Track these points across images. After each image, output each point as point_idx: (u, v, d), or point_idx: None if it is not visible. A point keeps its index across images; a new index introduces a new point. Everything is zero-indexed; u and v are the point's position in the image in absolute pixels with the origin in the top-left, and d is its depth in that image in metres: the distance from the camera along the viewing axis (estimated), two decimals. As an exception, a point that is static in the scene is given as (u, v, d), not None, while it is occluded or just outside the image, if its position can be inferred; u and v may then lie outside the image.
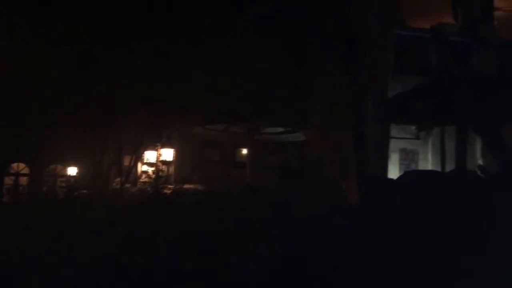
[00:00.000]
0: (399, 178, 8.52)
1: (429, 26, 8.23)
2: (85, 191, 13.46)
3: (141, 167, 16.31)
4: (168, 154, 15.40)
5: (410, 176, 7.98)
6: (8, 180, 17.86)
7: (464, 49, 8.76)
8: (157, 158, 15.47)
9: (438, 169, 11.45)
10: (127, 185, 14.42)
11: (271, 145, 17.33)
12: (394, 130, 12.17)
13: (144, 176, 15.86)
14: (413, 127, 11.96)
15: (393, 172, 11.77)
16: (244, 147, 17.17)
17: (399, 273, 5.04)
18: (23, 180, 18.17)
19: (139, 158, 14.88)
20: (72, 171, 16.68)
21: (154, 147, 15.46)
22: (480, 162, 10.99)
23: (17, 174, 18.27)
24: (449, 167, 11.05)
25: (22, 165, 18.21)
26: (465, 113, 7.31)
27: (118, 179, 13.91)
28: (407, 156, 12.53)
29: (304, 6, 11.75)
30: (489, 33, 11.34)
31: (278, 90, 12.91)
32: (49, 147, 15.28)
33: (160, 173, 15.48)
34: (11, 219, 8.00)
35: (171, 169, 17.44)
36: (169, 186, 13.24)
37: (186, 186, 13.28)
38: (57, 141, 14.70)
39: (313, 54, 12.21)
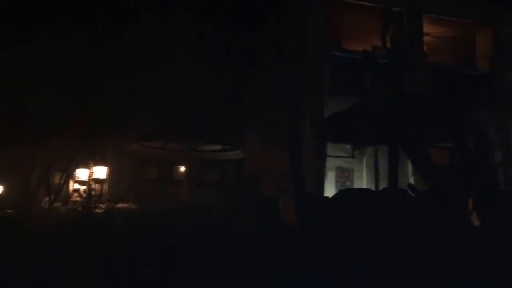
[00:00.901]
0: (333, 196, 8.60)
1: (363, 48, 8.47)
2: (10, 210, 12.77)
3: (73, 186, 15.71)
4: (101, 172, 14.90)
5: (344, 194, 8.06)
6: None
7: (395, 72, 9.08)
8: (90, 176, 14.95)
9: (372, 187, 11.72)
10: (57, 204, 13.81)
11: (210, 162, 17.18)
12: (330, 149, 12.39)
13: (75, 195, 15.27)
14: (349, 146, 12.23)
15: (330, 190, 11.96)
16: (183, 165, 16.90)
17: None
18: None
19: (70, 176, 14.29)
20: (-4, 189, 15.78)
21: (86, 164, 14.92)
22: (411, 180, 11.37)
23: None
24: (383, 185, 11.32)
25: None
26: (395, 133, 7.48)
27: (47, 198, 13.26)
28: (343, 174, 12.79)
29: (241, 25, 11.84)
30: (419, 57, 11.89)
31: (217, 108, 12.86)
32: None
33: (93, 192, 14.94)
34: None
35: (105, 187, 16.87)
36: (101, 206, 12.73)
37: (120, 205, 12.81)
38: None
39: (251, 74, 12.29)
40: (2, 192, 15.71)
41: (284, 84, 8.02)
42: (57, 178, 14.10)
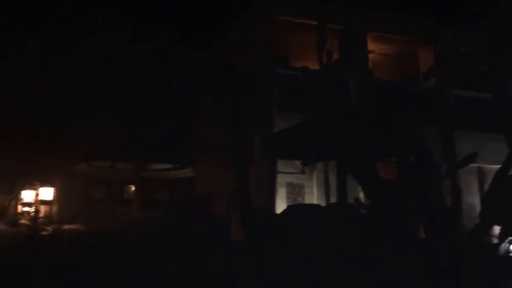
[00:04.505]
0: (282, 212, 8.65)
1: (306, 66, 8.63)
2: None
3: (21, 208, 15.21)
4: (48, 193, 14.48)
5: (292, 209, 8.13)
6: None
7: (341, 88, 9.29)
8: (36, 197, 14.50)
9: (323, 202, 11.84)
10: (4, 227, 13.30)
11: (160, 181, 16.97)
12: (281, 165, 12.46)
13: (23, 217, 14.76)
14: (299, 162, 12.32)
15: (281, 206, 11.97)
16: (132, 184, 16.62)
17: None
18: None
19: (14, 197, 13.81)
20: None
21: (32, 186, 14.46)
22: (360, 195, 11.55)
23: None
24: (334, 200, 11.47)
25: None
26: (342, 149, 7.62)
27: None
28: (293, 190, 12.85)
29: (188, 43, 11.86)
30: (364, 73, 12.20)
31: (165, 127, 12.77)
32: None
33: (39, 214, 14.48)
34: None
35: (54, 208, 16.36)
36: (48, 228, 12.32)
37: (67, 226, 12.44)
38: None
39: (199, 92, 12.27)
40: None
41: (232, 102, 8.06)
42: (1, 200, 13.61)
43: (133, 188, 16.75)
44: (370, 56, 13.41)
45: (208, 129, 12.90)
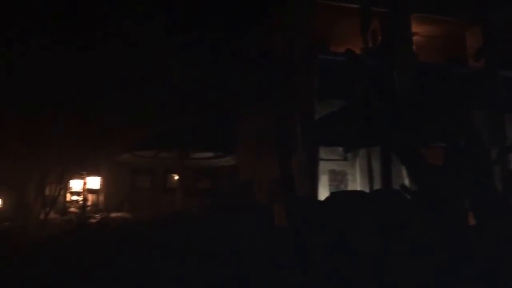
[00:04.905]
0: (326, 199, 8.57)
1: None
2: (7, 223, 12.77)
3: (70, 197, 15.73)
4: (94, 182, 14.89)
5: (336, 196, 8.03)
6: None
7: (383, 72, 9.07)
8: (83, 186, 14.94)
9: (366, 189, 11.67)
10: (54, 216, 13.79)
11: (203, 170, 17.17)
12: (323, 153, 12.35)
13: (72, 206, 15.27)
14: (341, 149, 12.18)
15: (324, 193, 11.89)
16: (175, 173, 16.89)
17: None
18: None
19: (63, 187, 14.27)
20: (-5, 203, 15.75)
21: (80, 175, 14.90)
22: (405, 181, 11.31)
23: None
24: (377, 187, 11.29)
25: None
26: (386, 135, 7.46)
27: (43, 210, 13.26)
28: (336, 177, 12.72)
29: (228, 32, 11.83)
30: (408, 57, 11.88)
31: (207, 116, 12.84)
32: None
33: (87, 202, 14.94)
34: None
35: (101, 197, 16.86)
36: (96, 216, 12.71)
37: (114, 214, 12.80)
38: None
39: (239, 80, 12.26)
40: (0, 205, 15.69)
41: (273, 89, 8.00)
42: (52, 190, 14.08)
43: (176, 177, 17.02)
44: (414, 38, 13.05)
45: (250, 117, 12.92)
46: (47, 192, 14.00)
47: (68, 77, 11.14)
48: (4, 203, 15.74)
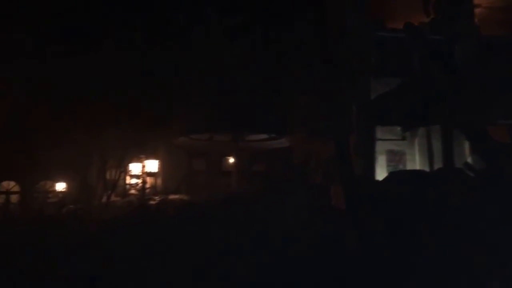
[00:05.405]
0: (384, 179, 8.39)
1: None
2: (72, 206, 13.31)
3: (130, 180, 16.20)
4: (153, 165, 15.27)
5: (395, 176, 7.85)
6: (-1, 199, 17.57)
7: (444, 47, 8.69)
8: (142, 169, 15.36)
9: (426, 169, 11.33)
10: (116, 198, 14.27)
11: (257, 152, 17.19)
12: (379, 132, 12.07)
13: (131, 188, 15.74)
14: (399, 128, 11.86)
15: (381, 174, 11.65)
16: (231, 156, 17.02)
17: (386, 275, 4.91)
18: (14, 198, 17.87)
19: (123, 170, 14.72)
20: (60, 186, 16.48)
21: (138, 158, 15.32)
22: (469, 160, 10.87)
23: (8, 192, 17.98)
24: (438, 166, 10.94)
25: (12, 183, 17.94)
26: (449, 112, 7.17)
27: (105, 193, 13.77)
28: (394, 157, 12.43)
29: (280, 12, 11.68)
30: (470, 30, 11.31)
31: (261, 97, 12.82)
32: (38, 163, 15.11)
33: (146, 185, 15.36)
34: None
35: (159, 180, 17.27)
36: (155, 198, 13.04)
37: (172, 197, 13.08)
38: (45, 157, 14.58)
39: (293, 60, 12.12)
40: (65, 189, 16.41)
41: (327, 69, 7.85)
42: (112, 173, 14.56)
43: (231, 160, 17.17)
44: (477, 10, 12.42)
45: (304, 98, 12.77)
46: (108, 175, 14.52)
47: (130, 65, 11.49)
48: (68, 186, 16.44)
